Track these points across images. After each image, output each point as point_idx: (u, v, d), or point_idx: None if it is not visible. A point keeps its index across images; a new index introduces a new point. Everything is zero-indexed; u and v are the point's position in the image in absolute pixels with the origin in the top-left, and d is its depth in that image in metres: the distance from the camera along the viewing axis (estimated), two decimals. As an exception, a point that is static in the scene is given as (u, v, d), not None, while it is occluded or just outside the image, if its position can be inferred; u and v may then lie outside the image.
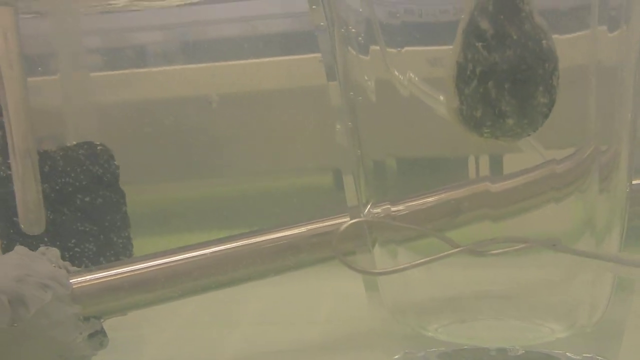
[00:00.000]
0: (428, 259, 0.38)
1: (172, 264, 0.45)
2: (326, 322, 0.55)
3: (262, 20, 0.79)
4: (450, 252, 0.38)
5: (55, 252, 0.43)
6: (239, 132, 0.78)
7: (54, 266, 0.42)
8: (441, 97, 0.42)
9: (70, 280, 0.43)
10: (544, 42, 0.36)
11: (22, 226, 0.55)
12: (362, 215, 0.46)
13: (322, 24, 0.43)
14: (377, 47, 0.42)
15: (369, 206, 0.46)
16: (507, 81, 0.36)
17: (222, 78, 0.78)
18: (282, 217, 0.76)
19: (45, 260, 0.42)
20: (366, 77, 0.43)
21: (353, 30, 0.41)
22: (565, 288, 0.43)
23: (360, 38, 0.42)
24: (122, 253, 0.62)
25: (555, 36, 0.37)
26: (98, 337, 0.44)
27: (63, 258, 0.59)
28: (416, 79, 0.42)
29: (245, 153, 0.79)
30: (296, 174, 0.81)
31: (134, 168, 0.68)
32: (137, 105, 0.78)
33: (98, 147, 0.62)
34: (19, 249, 0.43)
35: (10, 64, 0.56)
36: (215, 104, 0.74)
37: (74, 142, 0.63)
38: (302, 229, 0.48)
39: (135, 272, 0.45)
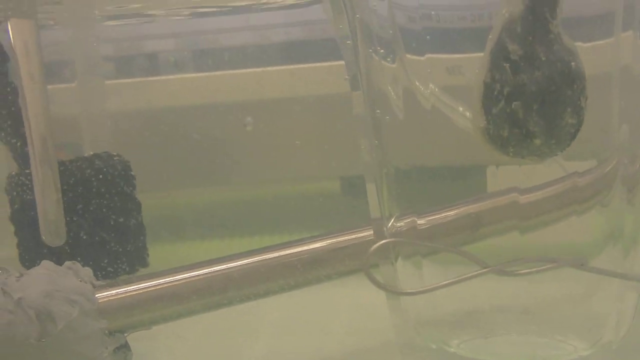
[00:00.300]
0: (456, 279, 0.39)
1: (197, 277, 0.45)
2: (345, 334, 0.55)
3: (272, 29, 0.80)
4: (478, 272, 0.38)
5: (87, 271, 0.43)
6: (249, 139, 0.79)
7: (80, 281, 0.43)
8: (460, 108, 0.42)
9: (96, 295, 0.43)
10: (572, 63, 0.36)
11: (43, 237, 0.55)
12: (385, 229, 0.46)
13: (348, 42, 0.43)
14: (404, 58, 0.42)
15: (392, 220, 0.46)
16: (535, 102, 0.36)
17: (232, 86, 0.79)
18: (291, 222, 0.77)
19: (72, 275, 0.43)
20: (391, 88, 0.43)
21: (381, 50, 0.42)
22: (589, 303, 0.43)
23: (388, 59, 0.42)
24: (137, 263, 0.63)
25: (578, 44, 0.38)
26: (122, 351, 0.45)
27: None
28: (436, 89, 0.43)
29: (255, 160, 0.80)
30: (305, 181, 0.82)
31: (146, 175, 0.68)
32: (148, 113, 0.78)
33: (115, 158, 0.63)
34: (46, 263, 0.43)
35: (32, 75, 0.56)
36: (250, 126, 0.74)
37: (91, 152, 0.64)
38: (326, 242, 0.48)
39: (161, 286, 0.45)
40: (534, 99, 0.36)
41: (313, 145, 0.79)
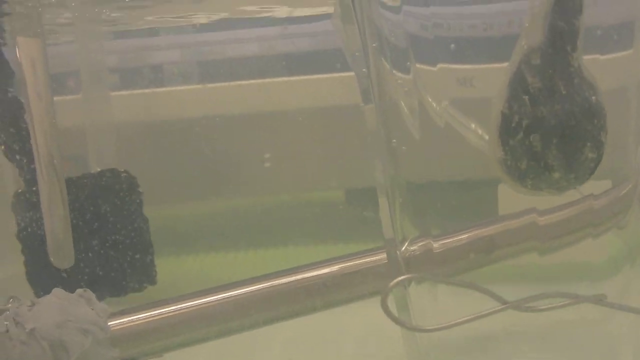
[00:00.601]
0: (474, 316, 0.38)
1: (209, 304, 0.45)
2: (356, 357, 0.55)
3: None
4: (497, 309, 0.38)
5: (102, 306, 0.43)
6: (255, 151, 0.78)
7: (92, 309, 0.42)
8: (472, 125, 0.42)
9: (109, 323, 0.43)
10: (593, 97, 0.36)
11: (52, 259, 0.54)
12: (398, 252, 0.46)
13: (364, 70, 0.42)
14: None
15: (406, 244, 0.45)
16: (554, 136, 0.36)
17: (238, 97, 0.79)
18: (297, 231, 0.77)
19: (84, 303, 0.42)
20: (404, 104, 0.43)
21: (400, 78, 0.41)
22: (605, 331, 0.43)
23: (402, 70, 0.41)
24: (145, 281, 0.63)
25: (594, 56, 0.37)
26: (134, 378, 0.44)
27: (88, 285, 0.60)
28: (449, 106, 0.42)
29: (261, 171, 0.79)
30: (309, 191, 0.81)
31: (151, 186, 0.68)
32: (154, 124, 0.78)
33: (122, 174, 0.62)
34: (57, 291, 0.43)
35: (39, 94, 0.56)
36: (268, 163, 0.74)
37: (98, 169, 0.63)
38: (338, 267, 0.48)
39: (173, 313, 0.44)
40: (553, 132, 0.36)
41: (319, 157, 0.79)
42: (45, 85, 0.56)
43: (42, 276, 0.58)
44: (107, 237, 0.61)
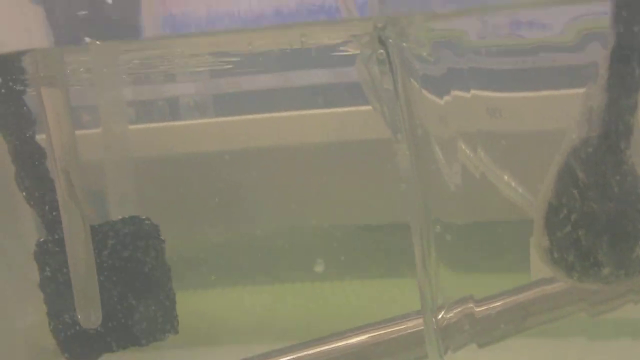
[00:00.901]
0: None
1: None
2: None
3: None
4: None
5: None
6: (270, 185, 0.78)
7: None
8: (505, 177, 0.41)
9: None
10: (646, 196, 0.35)
11: (79, 317, 0.54)
12: (434, 320, 0.45)
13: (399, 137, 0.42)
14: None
15: (443, 312, 0.45)
16: (605, 233, 0.35)
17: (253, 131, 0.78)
18: (313, 258, 0.77)
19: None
20: (439, 150, 0.42)
21: (434, 104, 0.40)
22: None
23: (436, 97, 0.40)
24: (168, 330, 0.62)
25: None
26: None
27: (110, 335, 0.59)
28: (483, 154, 0.41)
29: (276, 205, 0.79)
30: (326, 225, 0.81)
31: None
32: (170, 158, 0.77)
33: (145, 222, 0.61)
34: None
35: (63, 144, 0.55)
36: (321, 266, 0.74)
37: (120, 217, 0.62)
38: (372, 335, 0.47)
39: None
40: (604, 229, 0.35)
41: (335, 191, 0.78)
42: (69, 132, 0.56)
43: (65, 326, 0.58)
44: (129, 287, 0.60)
